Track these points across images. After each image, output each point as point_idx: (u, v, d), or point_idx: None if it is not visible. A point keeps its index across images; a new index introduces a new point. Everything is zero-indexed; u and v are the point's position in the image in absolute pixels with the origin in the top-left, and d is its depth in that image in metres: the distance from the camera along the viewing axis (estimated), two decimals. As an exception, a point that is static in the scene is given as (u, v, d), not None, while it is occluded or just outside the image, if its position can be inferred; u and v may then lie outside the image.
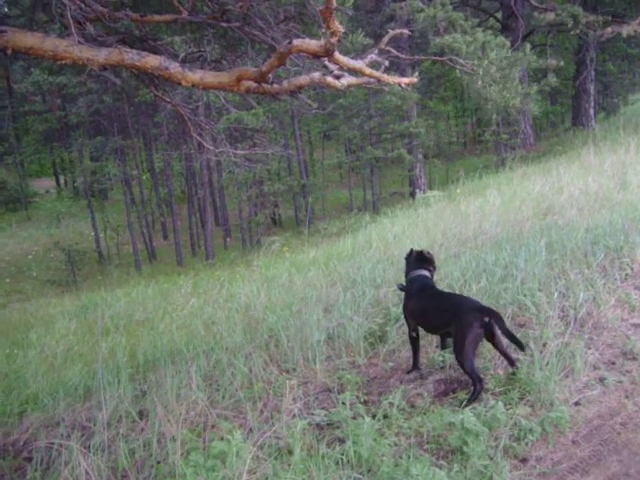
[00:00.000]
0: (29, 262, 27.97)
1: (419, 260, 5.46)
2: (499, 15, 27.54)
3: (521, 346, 4.67)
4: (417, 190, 23.69)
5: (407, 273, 5.49)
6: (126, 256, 28.95)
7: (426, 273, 5.34)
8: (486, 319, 4.53)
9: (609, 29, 20.86)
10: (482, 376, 4.63)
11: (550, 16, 20.49)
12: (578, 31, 20.73)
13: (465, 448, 3.80)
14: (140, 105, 28.72)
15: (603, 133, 21.06)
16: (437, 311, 4.94)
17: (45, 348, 9.11)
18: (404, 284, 5.43)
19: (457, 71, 8.06)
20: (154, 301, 12.06)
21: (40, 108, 36.16)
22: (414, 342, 5.16)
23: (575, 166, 14.07)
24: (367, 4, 25.07)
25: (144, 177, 34.58)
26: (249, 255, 19.18)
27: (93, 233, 29.43)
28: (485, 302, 5.48)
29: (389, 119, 24.74)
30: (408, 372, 5.16)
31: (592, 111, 26.81)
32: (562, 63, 20.49)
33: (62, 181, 43.73)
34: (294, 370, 5.39)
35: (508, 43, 12.85)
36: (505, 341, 4.73)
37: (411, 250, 5.63)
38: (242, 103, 19.49)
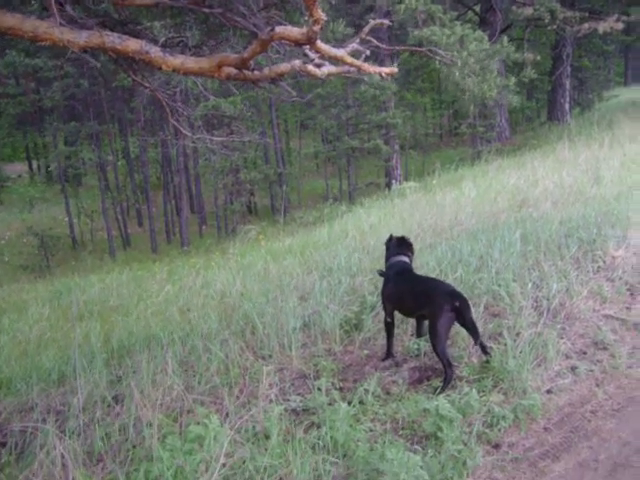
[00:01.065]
0: (1, 247, 27.64)
1: (399, 246, 5.53)
2: (478, 9, 27.63)
3: (476, 337, 4.74)
4: (393, 181, 23.75)
5: (387, 258, 5.54)
6: (100, 242, 28.69)
7: (405, 259, 5.41)
8: (457, 303, 4.61)
9: (586, 25, 21.09)
10: (453, 361, 4.71)
11: (528, 11, 20.64)
12: (555, 26, 20.93)
13: (439, 434, 3.86)
14: (116, 90, 28.43)
15: (578, 128, 21.30)
16: (412, 294, 5.02)
17: (18, 333, 9.04)
18: (384, 270, 5.49)
19: (436, 62, 8.08)
20: (128, 288, 11.97)
21: (13, 91, 35.51)
22: (389, 328, 5.23)
23: (550, 160, 14.23)
24: (347, -7, 24.98)
25: (119, 163, 34.25)
26: (225, 243, 19.12)
27: (67, 219, 29.12)
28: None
29: (366, 109, 24.71)
30: (383, 359, 5.22)
31: (567, 106, 27.07)
32: (539, 58, 20.65)
33: (35, 166, 43.14)
34: (270, 357, 5.41)
35: (486, 37, 12.93)
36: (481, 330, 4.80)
37: (390, 236, 5.69)
38: (220, 90, 19.40)
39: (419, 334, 5.31)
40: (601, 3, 24.71)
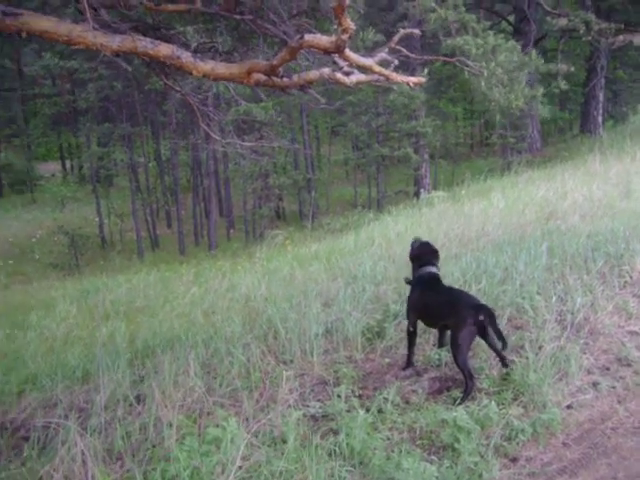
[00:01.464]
0: (32, 245, 27.98)
1: (428, 255, 5.43)
2: (512, 18, 27.48)
3: (504, 344, 4.72)
4: (422, 190, 23.69)
5: (415, 268, 5.47)
6: (129, 243, 28.96)
7: (435, 270, 5.33)
8: (481, 317, 4.60)
9: (621, 37, 20.88)
10: (474, 373, 4.69)
11: (563, 21, 20.50)
12: (590, 38, 20.70)
13: (456, 445, 3.86)
14: (149, 93, 28.72)
15: (610, 141, 21.03)
16: (437, 305, 5.01)
17: (45, 330, 9.18)
18: (410, 278, 5.47)
19: (465, 72, 8.05)
20: (155, 289, 12.10)
21: (49, 91, 36.11)
22: (411, 338, 5.21)
23: (580, 173, 14.09)
24: (380, 1, 25.02)
25: (150, 165, 34.57)
26: (252, 247, 19.20)
27: (97, 219, 29.42)
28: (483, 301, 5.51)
29: (397, 118, 24.72)
30: (404, 369, 5.22)
31: (600, 118, 26.77)
32: (572, 69, 20.45)
33: (68, 165, 43.72)
34: (291, 362, 5.43)
35: (519, 47, 12.83)
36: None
37: (416, 240, 5.63)
38: (251, 95, 19.52)
39: (441, 344, 5.30)
40: (637, 15, 24.39)
